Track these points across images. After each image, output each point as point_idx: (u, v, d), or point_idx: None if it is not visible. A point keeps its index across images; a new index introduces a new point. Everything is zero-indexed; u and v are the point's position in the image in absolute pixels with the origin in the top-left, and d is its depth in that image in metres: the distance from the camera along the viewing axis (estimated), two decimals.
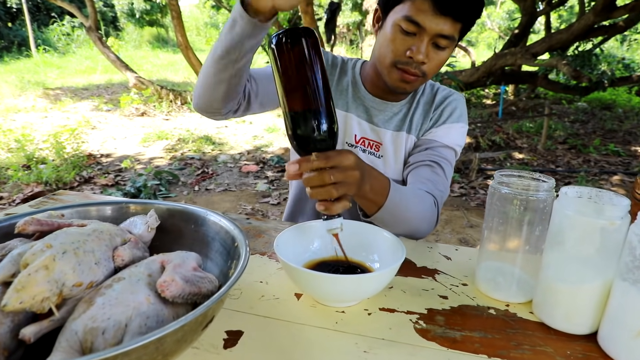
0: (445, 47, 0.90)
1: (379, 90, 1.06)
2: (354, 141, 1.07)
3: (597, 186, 3.51)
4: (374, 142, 1.07)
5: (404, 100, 1.07)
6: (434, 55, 0.91)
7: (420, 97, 1.08)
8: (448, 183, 1.01)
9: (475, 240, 2.67)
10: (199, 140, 4.92)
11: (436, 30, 0.87)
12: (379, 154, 1.07)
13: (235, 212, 3.08)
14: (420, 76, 0.93)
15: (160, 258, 0.59)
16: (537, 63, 4.91)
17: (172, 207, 0.74)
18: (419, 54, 0.88)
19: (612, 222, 0.57)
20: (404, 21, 0.87)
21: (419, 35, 0.88)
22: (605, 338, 0.59)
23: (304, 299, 0.69)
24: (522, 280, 0.70)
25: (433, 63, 0.92)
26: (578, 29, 4.54)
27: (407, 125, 1.06)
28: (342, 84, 1.09)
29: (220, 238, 0.67)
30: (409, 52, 0.89)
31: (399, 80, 0.94)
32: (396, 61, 0.92)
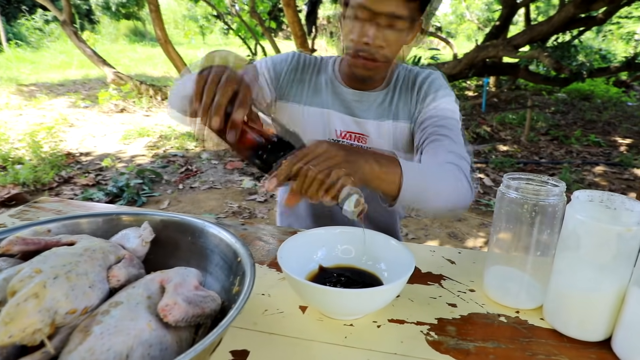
0: (401, 28, 0.89)
1: (354, 81, 1.05)
2: (336, 136, 1.05)
3: (581, 177, 3.56)
4: (359, 134, 1.05)
5: (382, 89, 1.05)
6: (392, 38, 0.90)
7: (399, 83, 1.06)
8: (464, 148, 0.94)
9: (464, 234, 2.68)
10: (182, 137, 4.83)
11: (387, 12, 0.86)
12: (365, 146, 1.04)
13: (221, 211, 3.03)
14: (383, 61, 0.93)
15: (159, 277, 0.55)
16: (519, 55, 4.95)
17: (166, 217, 0.71)
18: (369, 38, 0.88)
19: (628, 229, 0.56)
20: (358, 9, 0.88)
21: (372, 20, 0.88)
22: (621, 345, 0.58)
23: (310, 312, 0.66)
24: (531, 285, 0.68)
25: (392, 46, 0.91)
26: (558, 21, 4.59)
27: (393, 112, 1.04)
28: (319, 82, 1.08)
29: (221, 251, 0.64)
30: (365, 39, 0.89)
31: (362, 68, 0.94)
32: (356, 50, 0.92)
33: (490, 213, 2.98)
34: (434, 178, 0.80)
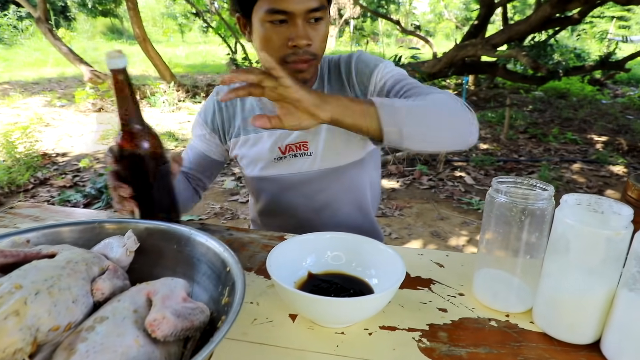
0: (320, 18, 0.86)
1: None
2: (280, 153, 1.04)
3: (559, 175, 3.64)
4: (300, 143, 1.03)
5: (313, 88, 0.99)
6: (314, 33, 0.87)
7: (325, 77, 1.02)
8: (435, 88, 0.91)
9: (446, 233, 2.70)
10: (162, 137, 4.75)
11: (304, 8, 0.83)
12: (309, 152, 1.03)
13: (203, 212, 2.99)
14: (313, 59, 0.89)
15: (146, 289, 0.53)
16: (498, 54, 5.02)
17: (151, 225, 0.69)
18: (300, 40, 0.84)
19: (617, 232, 0.56)
20: (269, 15, 0.83)
21: (290, 21, 0.84)
22: (611, 348, 0.59)
23: (300, 321, 0.65)
24: (521, 289, 0.68)
25: (317, 40, 0.88)
26: (535, 21, 4.67)
27: None
28: (245, 106, 1.05)
29: (208, 260, 0.62)
30: (290, 42, 0.85)
31: (293, 73, 0.87)
32: (282, 57, 0.87)
33: (472, 211, 3.02)
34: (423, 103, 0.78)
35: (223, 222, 2.85)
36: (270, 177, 1.07)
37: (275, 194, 1.10)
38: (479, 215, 2.96)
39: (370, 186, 1.14)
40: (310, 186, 1.06)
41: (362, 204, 1.14)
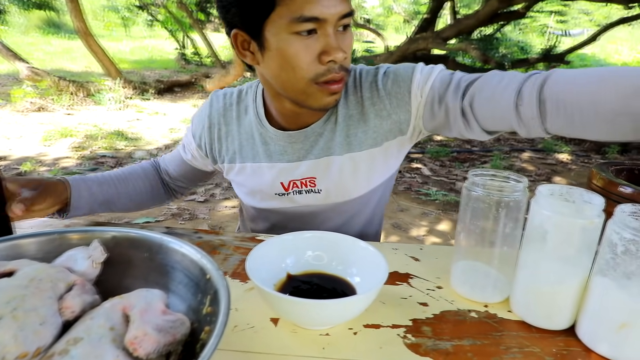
0: (348, 24, 0.75)
1: (290, 119, 0.88)
2: (283, 190, 0.92)
3: (510, 163, 3.79)
4: (306, 179, 0.90)
5: (322, 117, 0.87)
6: (345, 43, 0.74)
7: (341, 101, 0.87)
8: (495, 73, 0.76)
9: (407, 225, 2.75)
10: (110, 136, 4.54)
11: (338, 14, 0.70)
12: (317, 189, 0.91)
13: (160, 213, 2.88)
14: (346, 76, 0.77)
15: (120, 303, 0.50)
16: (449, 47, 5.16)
17: (118, 233, 0.64)
18: (337, 53, 0.71)
19: (591, 221, 0.58)
20: (295, 24, 0.68)
21: (321, 31, 0.70)
22: (586, 333, 0.61)
23: (282, 324, 0.63)
24: (498, 279, 0.70)
25: (349, 50, 0.75)
26: (484, 15, 4.84)
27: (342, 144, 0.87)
28: (245, 131, 0.92)
29: (184, 268, 0.59)
30: (325, 57, 0.71)
31: (327, 96, 0.76)
32: (314, 77, 0.73)
33: (430, 202, 3.09)
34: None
35: (181, 222, 2.76)
36: (272, 209, 0.98)
37: (276, 223, 1.01)
38: (437, 206, 3.04)
39: (381, 205, 1.03)
40: (317, 217, 0.96)
41: (372, 224, 1.03)
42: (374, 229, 1.05)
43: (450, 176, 3.59)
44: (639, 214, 0.58)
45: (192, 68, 9.48)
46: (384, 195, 1.02)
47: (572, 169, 3.87)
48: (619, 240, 0.55)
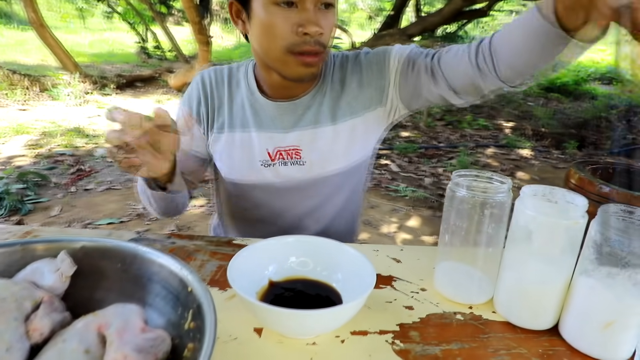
0: (331, 3, 0.79)
1: (279, 90, 0.92)
2: (269, 158, 0.94)
3: (475, 159, 3.88)
4: (292, 148, 0.94)
5: (313, 89, 0.93)
6: (325, 21, 0.78)
7: (331, 73, 0.94)
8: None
9: (377, 221, 2.77)
10: (69, 134, 4.34)
11: None
12: (302, 161, 0.94)
13: (124, 214, 2.78)
14: (322, 51, 0.81)
15: (95, 322, 0.46)
16: None
17: (88, 243, 0.59)
18: (312, 26, 0.75)
19: (575, 222, 0.58)
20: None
21: (300, 5, 0.76)
22: (571, 332, 0.61)
23: (267, 335, 0.60)
24: (482, 280, 0.70)
25: (327, 29, 0.80)
26: (448, 13, 4.92)
27: (328, 115, 0.92)
28: (235, 101, 0.96)
29: (162, 279, 0.55)
30: (301, 29, 0.76)
31: (300, 66, 0.81)
32: (288, 46, 0.78)
33: (400, 198, 3.12)
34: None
35: (147, 223, 2.67)
36: (253, 183, 0.97)
37: (257, 201, 0.99)
38: (406, 202, 3.07)
39: (360, 189, 1.07)
40: (299, 193, 0.97)
41: (348, 209, 1.05)
42: (352, 210, 1.07)
43: (418, 172, 3.64)
44: (621, 214, 0.58)
45: (154, 62, 9.21)
46: (362, 177, 1.05)
47: (534, 164, 4.00)
48: (603, 241, 0.56)
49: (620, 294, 0.56)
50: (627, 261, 0.54)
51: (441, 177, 3.59)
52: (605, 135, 4.92)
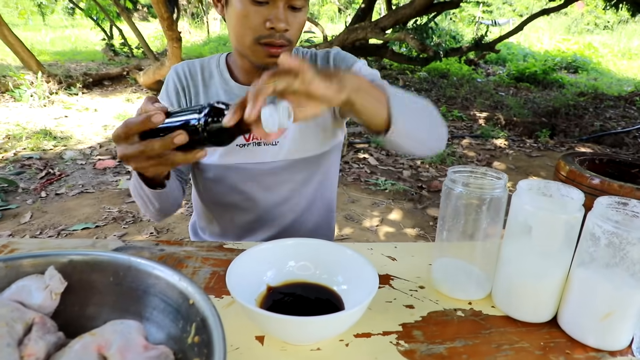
0: (301, 7, 0.85)
1: (250, 75, 0.98)
2: (244, 140, 0.98)
3: (452, 150, 3.93)
4: None
5: None
6: (293, 19, 0.85)
7: None
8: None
9: (359, 216, 2.77)
10: (36, 136, 4.17)
11: None
12: (274, 141, 0.99)
13: (99, 218, 2.70)
14: (287, 45, 0.87)
15: (94, 342, 0.43)
16: (387, 37, 5.23)
17: (76, 257, 0.56)
18: (279, 23, 0.82)
19: (574, 216, 0.59)
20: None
21: (272, 2, 0.82)
22: (570, 323, 0.62)
23: (269, 342, 0.59)
24: (480, 276, 0.70)
25: (294, 27, 0.87)
26: (419, 5, 4.94)
27: None
28: (211, 90, 1.00)
29: (159, 292, 0.53)
30: (268, 24, 0.83)
31: (266, 56, 0.87)
32: (257, 37, 0.85)
33: (380, 192, 3.13)
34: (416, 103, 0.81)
35: (125, 227, 2.60)
36: (230, 165, 0.99)
37: (233, 185, 1.01)
38: (386, 195, 3.08)
39: (332, 179, 1.12)
40: (272, 177, 1.01)
41: (323, 197, 1.10)
42: (326, 199, 1.13)
43: (397, 165, 3.66)
44: (616, 206, 0.59)
45: (122, 60, 8.93)
46: (333, 165, 1.11)
47: (509, 153, 4.08)
48: (601, 233, 0.56)
49: (618, 284, 0.57)
50: (625, 252, 0.55)
51: (419, 169, 3.62)
52: (574, 122, 5.06)
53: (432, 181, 3.33)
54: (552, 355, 0.59)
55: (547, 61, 9.18)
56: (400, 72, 8.11)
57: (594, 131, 4.80)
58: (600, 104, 6.18)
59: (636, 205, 0.58)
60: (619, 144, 4.49)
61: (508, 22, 13.70)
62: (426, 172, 3.55)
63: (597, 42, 12.62)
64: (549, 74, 7.95)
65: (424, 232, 2.62)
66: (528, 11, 14.84)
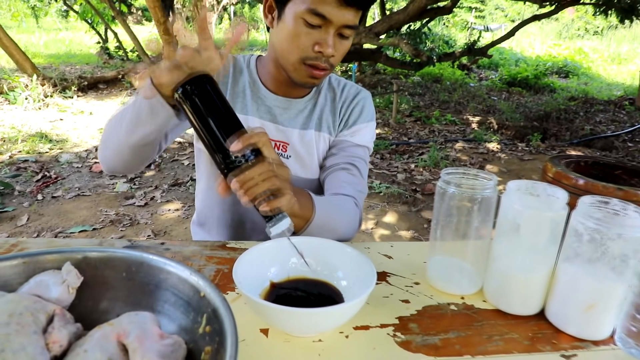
0: (349, 36, 0.89)
1: (281, 87, 1.01)
2: None
3: (446, 154, 3.98)
4: (280, 142, 1.02)
5: (307, 96, 1.04)
6: (340, 46, 0.89)
7: (326, 91, 1.06)
8: (365, 181, 1.04)
9: None
10: (32, 139, 4.18)
11: (342, 22, 0.84)
12: (287, 155, 1.03)
13: (97, 221, 2.71)
14: (329, 69, 0.91)
15: (113, 332, 0.46)
16: (382, 42, 5.28)
17: (90, 254, 0.59)
18: (328, 48, 0.85)
19: (559, 214, 0.63)
20: (308, 14, 0.82)
21: (324, 28, 0.84)
22: (556, 315, 0.66)
23: (274, 335, 0.62)
24: (472, 272, 0.74)
25: (339, 54, 0.90)
26: (413, 10, 5.00)
27: (316, 122, 1.04)
28: (238, 85, 1.02)
29: (170, 286, 0.56)
30: (317, 47, 0.85)
31: (307, 76, 0.90)
32: (303, 57, 0.87)
33: (375, 195, 3.17)
34: (336, 217, 0.88)
35: (122, 229, 2.62)
36: None
37: None
38: (381, 198, 3.12)
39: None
40: None
41: None
42: None
43: (391, 169, 3.70)
44: (597, 205, 0.63)
45: (117, 63, 8.94)
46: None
47: (501, 157, 4.14)
48: (584, 230, 0.60)
49: (600, 278, 0.61)
50: (606, 248, 0.59)
51: (413, 172, 3.67)
52: (565, 127, 5.14)
53: (426, 184, 3.38)
54: (540, 345, 0.62)
55: (539, 66, 9.30)
56: (394, 77, 8.18)
57: (585, 135, 4.88)
58: (591, 108, 6.28)
59: (617, 204, 0.62)
60: (609, 147, 4.57)
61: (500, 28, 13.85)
62: (420, 175, 3.60)
63: (587, 48, 12.80)
64: (540, 79, 8.06)
65: (419, 235, 2.66)
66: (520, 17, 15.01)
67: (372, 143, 1.09)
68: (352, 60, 7.24)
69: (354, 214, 0.93)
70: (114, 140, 0.84)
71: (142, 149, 0.83)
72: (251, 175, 0.61)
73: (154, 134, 0.78)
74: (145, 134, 0.77)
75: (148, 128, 0.76)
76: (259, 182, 0.62)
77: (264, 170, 0.62)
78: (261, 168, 0.61)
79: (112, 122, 0.85)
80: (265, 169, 0.62)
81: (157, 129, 0.76)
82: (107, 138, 0.87)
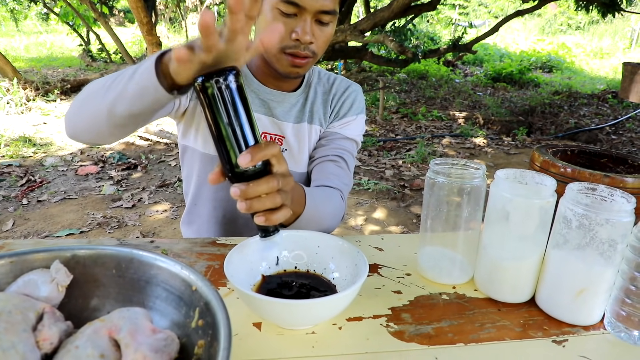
0: (328, 22, 0.88)
1: (272, 80, 1.01)
2: None
3: (433, 149, 4.01)
4: (276, 135, 1.03)
5: (299, 90, 1.04)
6: (320, 33, 0.88)
7: (316, 85, 1.07)
8: (351, 174, 1.05)
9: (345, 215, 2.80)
10: (15, 143, 4.10)
11: (317, 8, 0.84)
12: (283, 148, 1.04)
13: (84, 224, 2.68)
14: (311, 57, 0.91)
15: (104, 327, 0.46)
16: (367, 40, 5.30)
17: (79, 251, 0.58)
18: (305, 35, 0.85)
19: (547, 201, 0.64)
20: (281, 3, 0.83)
21: (300, 15, 0.85)
22: (546, 302, 0.67)
23: (267, 328, 0.62)
24: (463, 262, 0.74)
25: (320, 41, 0.90)
26: (397, 7, 5.02)
27: (308, 115, 1.04)
28: None
29: (161, 281, 0.55)
30: (294, 35, 0.85)
31: (289, 65, 0.90)
32: (283, 47, 0.87)
33: (364, 191, 3.18)
34: (322, 209, 0.88)
35: (110, 232, 2.58)
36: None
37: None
38: (370, 195, 3.13)
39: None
40: None
41: None
42: None
43: (379, 165, 3.71)
44: (585, 191, 0.64)
45: (100, 65, 8.82)
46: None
47: (488, 151, 4.18)
48: (573, 216, 0.61)
49: (589, 263, 0.62)
50: (595, 233, 0.60)
51: (401, 168, 3.68)
52: (550, 120, 5.21)
53: (414, 180, 3.39)
54: (531, 331, 0.63)
55: (523, 61, 9.41)
56: (379, 74, 8.20)
57: (569, 128, 4.95)
58: (575, 102, 6.37)
59: (604, 190, 0.63)
60: (593, 140, 4.64)
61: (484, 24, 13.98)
62: (408, 171, 3.62)
63: (570, 42, 12.98)
64: (524, 74, 8.16)
65: (408, 230, 2.67)
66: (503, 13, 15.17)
67: (361, 137, 1.10)
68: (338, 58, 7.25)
69: (340, 207, 0.95)
70: (93, 107, 0.75)
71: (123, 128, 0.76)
72: (256, 190, 0.58)
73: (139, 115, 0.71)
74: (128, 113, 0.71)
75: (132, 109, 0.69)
76: (262, 197, 0.59)
77: (270, 187, 0.58)
78: (267, 184, 0.58)
79: (94, 87, 0.76)
80: (270, 186, 0.58)
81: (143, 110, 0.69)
82: (84, 103, 0.78)
